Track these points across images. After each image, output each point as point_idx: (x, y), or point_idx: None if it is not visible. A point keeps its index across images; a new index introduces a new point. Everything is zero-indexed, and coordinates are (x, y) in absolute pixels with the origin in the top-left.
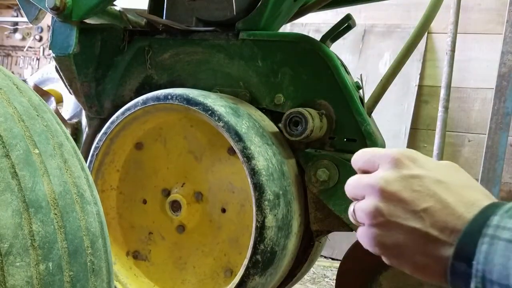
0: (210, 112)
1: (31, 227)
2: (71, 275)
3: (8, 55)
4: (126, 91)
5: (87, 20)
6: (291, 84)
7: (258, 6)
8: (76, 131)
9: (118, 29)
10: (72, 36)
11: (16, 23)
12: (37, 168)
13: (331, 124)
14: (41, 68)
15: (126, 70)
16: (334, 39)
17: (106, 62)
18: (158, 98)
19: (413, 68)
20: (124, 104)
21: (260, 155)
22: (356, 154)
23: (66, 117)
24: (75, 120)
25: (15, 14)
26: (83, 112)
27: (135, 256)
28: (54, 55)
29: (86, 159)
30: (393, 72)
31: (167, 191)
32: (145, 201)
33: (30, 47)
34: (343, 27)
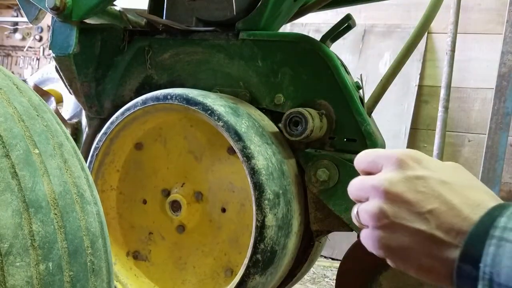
0: (209, 111)
1: (31, 227)
2: (71, 275)
3: (8, 55)
4: (126, 91)
5: (87, 20)
6: (291, 84)
7: (258, 6)
8: (76, 131)
9: (118, 29)
10: (72, 36)
11: (16, 23)
12: (37, 168)
13: (331, 124)
14: (41, 68)
15: (126, 70)
16: (334, 39)
17: (106, 62)
18: (157, 98)
19: (413, 68)
20: (124, 104)
21: (260, 154)
22: (359, 155)
23: (66, 117)
24: (75, 120)
25: (15, 14)
26: (83, 112)
27: (135, 256)
28: (54, 55)
29: (86, 159)
30: (393, 72)
31: (167, 191)
32: (145, 201)
33: (30, 47)
34: (343, 27)
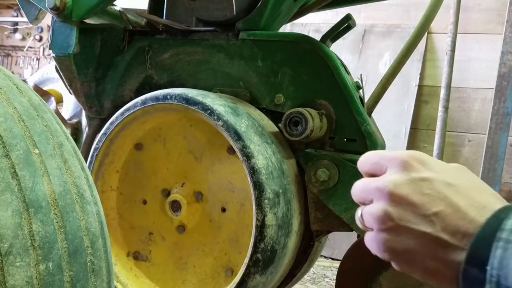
0: (209, 111)
1: (31, 227)
2: (71, 275)
3: (8, 55)
4: (126, 91)
5: (87, 20)
6: (291, 84)
7: (258, 6)
8: (76, 131)
9: (118, 29)
10: (72, 36)
11: (16, 23)
12: (37, 168)
13: (331, 124)
14: (41, 68)
15: (126, 70)
16: (334, 39)
17: (106, 62)
18: (157, 98)
19: (413, 68)
20: (124, 104)
21: (260, 153)
22: (363, 157)
23: (66, 117)
24: (75, 120)
25: (15, 14)
26: (83, 112)
27: (136, 256)
28: (54, 55)
29: (86, 159)
30: (393, 72)
31: (167, 191)
32: (145, 201)
33: (30, 47)
34: (343, 27)
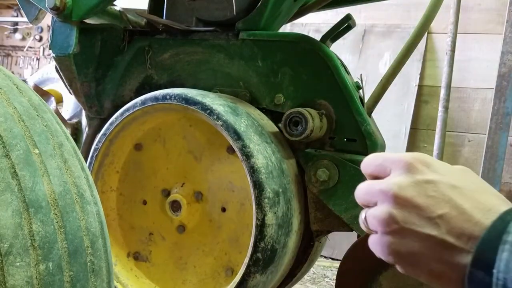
0: (208, 111)
1: (31, 227)
2: (71, 275)
3: (8, 55)
4: (126, 91)
5: (87, 20)
6: (291, 84)
7: (258, 6)
8: (76, 131)
9: (118, 29)
10: (72, 36)
11: (16, 23)
12: (37, 168)
13: (331, 124)
14: (41, 68)
15: (126, 70)
16: (334, 39)
17: (106, 62)
18: (156, 98)
19: (413, 68)
20: (124, 104)
21: (259, 153)
22: (367, 159)
23: (66, 117)
24: (75, 120)
25: (15, 14)
26: (83, 112)
27: (136, 257)
28: (54, 55)
29: (86, 159)
30: (393, 72)
31: (167, 191)
32: (145, 202)
33: (30, 47)
34: (343, 27)
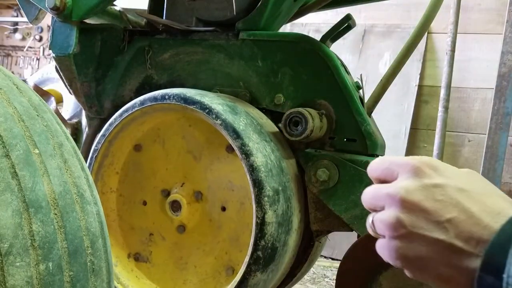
0: (207, 110)
1: (31, 227)
2: (71, 275)
3: (8, 55)
4: (126, 91)
5: (87, 20)
6: (291, 84)
7: (258, 6)
8: (76, 131)
9: (118, 29)
10: (72, 36)
11: (16, 23)
12: (37, 168)
13: (331, 124)
14: (41, 68)
15: (126, 70)
16: (334, 39)
17: (106, 62)
18: (155, 99)
19: (413, 68)
20: (124, 104)
21: (259, 151)
22: (373, 163)
23: (66, 117)
24: (75, 120)
25: (15, 14)
26: (83, 112)
27: (137, 258)
28: (54, 55)
29: (86, 159)
30: (393, 72)
31: (167, 192)
32: (145, 202)
33: (30, 47)
34: (343, 27)
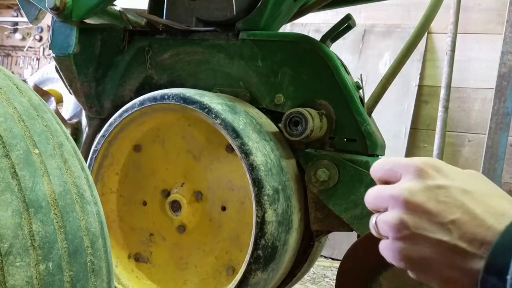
0: (207, 110)
1: (31, 227)
2: (71, 275)
3: (8, 55)
4: (126, 91)
5: (87, 20)
6: (291, 84)
7: (258, 6)
8: (76, 131)
9: (118, 29)
10: (72, 36)
11: (16, 23)
12: (37, 168)
13: (331, 124)
14: (41, 68)
15: (126, 70)
16: (334, 39)
17: (106, 62)
18: (155, 99)
19: (413, 68)
20: (124, 104)
21: (258, 150)
22: (376, 163)
23: (66, 117)
24: (75, 120)
25: (15, 14)
26: (83, 112)
27: (137, 258)
28: (54, 55)
29: (86, 159)
30: (393, 72)
31: (167, 192)
32: (145, 202)
33: (30, 47)
34: (343, 27)
